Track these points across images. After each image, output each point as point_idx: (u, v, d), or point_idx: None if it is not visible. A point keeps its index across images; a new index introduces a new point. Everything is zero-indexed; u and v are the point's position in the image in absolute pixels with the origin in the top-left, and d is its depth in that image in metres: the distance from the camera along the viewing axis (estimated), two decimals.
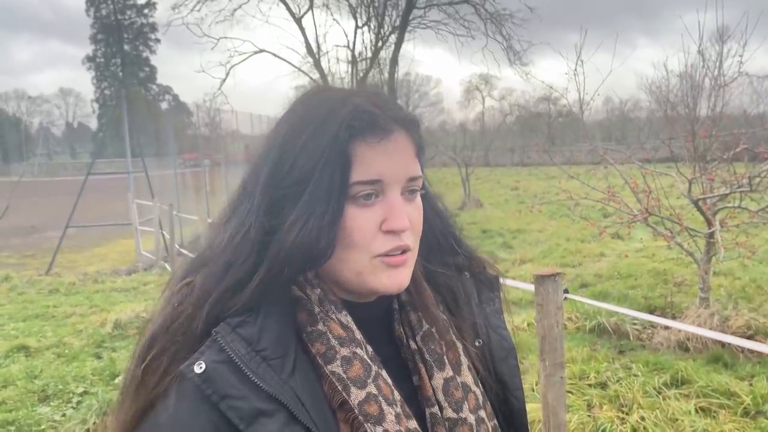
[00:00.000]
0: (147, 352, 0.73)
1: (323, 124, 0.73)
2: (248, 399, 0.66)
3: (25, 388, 4.93)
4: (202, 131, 19.15)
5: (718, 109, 5.91)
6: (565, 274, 8.10)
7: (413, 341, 0.82)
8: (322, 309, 0.76)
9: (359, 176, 0.73)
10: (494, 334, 0.91)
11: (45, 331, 6.68)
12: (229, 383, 0.66)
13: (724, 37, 5.98)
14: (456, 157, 19.25)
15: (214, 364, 0.67)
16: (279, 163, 0.74)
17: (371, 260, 0.75)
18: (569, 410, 3.92)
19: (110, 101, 63.09)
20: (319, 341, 0.74)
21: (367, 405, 0.71)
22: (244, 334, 0.69)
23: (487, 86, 54.64)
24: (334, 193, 0.71)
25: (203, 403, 0.66)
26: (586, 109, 6.52)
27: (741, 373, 4.49)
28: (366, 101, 0.75)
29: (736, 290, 6.60)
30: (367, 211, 0.74)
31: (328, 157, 0.71)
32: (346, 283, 0.77)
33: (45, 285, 9.61)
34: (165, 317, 0.74)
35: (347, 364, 0.73)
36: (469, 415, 0.80)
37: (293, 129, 0.75)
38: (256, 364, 0.68)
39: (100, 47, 68.45)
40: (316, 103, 0.77)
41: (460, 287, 0.91)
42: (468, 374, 0.83)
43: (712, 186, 5.63)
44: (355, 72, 16.23)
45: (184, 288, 0.75)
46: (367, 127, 0.73)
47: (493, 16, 16.00)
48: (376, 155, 0.74)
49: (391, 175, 0.74)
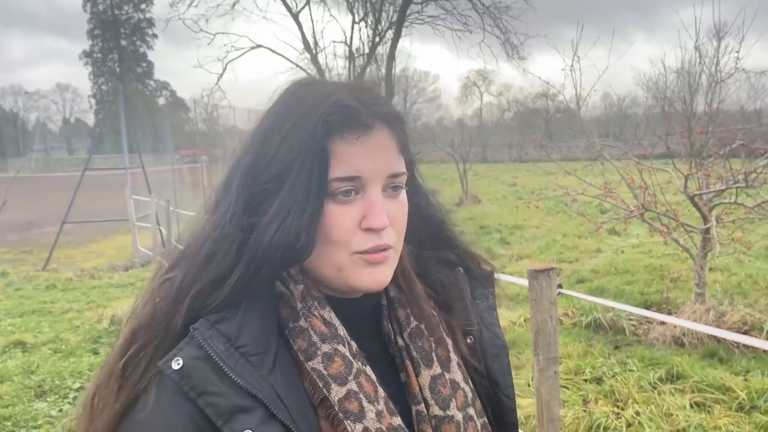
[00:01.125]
0: (128, 348, 0.72)
1: (302, 119, 0.72)
2: (226, 395, 0.66)
3: (21, 384, 4.93)
4: (200, 127, 19.13)
5: (714, 105, 5.92)
6: (562, 270, 8.15)
7: (401, 338, 0.82)
8: (305, 305, 0.75)
9: (337, 173, 0.72)
10: (487, 331, 0.90)
11: (42, 327, 6.68)
12: (207, 380, 0.66)
13: (721, 33, 5.99)
14: (454, 153, 19.27)
15: (192, 361, 0.67)
16: (258, 157, 0.73)
17: (350, 257, 0.74)
18: (565, 405, 3.94)
19: (107, 97, 62.92)
20: (300, 337, 0.73)
21: (347, 402, 0.71)
22: (224, 330, 0.69)
23: (485, 82, 54.60)
24: (313, 189, 0.70)
25: (182, 399, 0.66)
26: (583, 105, 6.53)
27: (736, 368, 4.51)
28: (348, 96, 0.73)
29: (732, 286, 6.62)
30: (346, 207, 0.73)
31: (305, 153, 0.70)
32: (328, 280, 0.76)
33: (42, 281, 9.59)
34: (146, 313, 0.73)
35: (328, 361, 0.72)
36: (457, 412, 0.79)
37: (274, 123, 0.75)
38: (234, 361, 0.67)
39: (97, 43, 68.13)
40: (298, 97, 0.76)
41: (453, 283, 0.90)
42: (457, 371, 0.83)
43: (708, 182, 5.64)
44: (352, 68, 16.21)
45: (166, 283, 0.74)
46: (345, 123, 0.72)
47: (489, 9, 15.97)
48: (355, 151, 0.73)
49: (370, 171, 0.73)
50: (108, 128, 29.15)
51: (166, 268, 0.78)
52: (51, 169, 53.53)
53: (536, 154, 16.39)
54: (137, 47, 68.92)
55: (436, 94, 63.12)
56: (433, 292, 0.88)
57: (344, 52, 16.42)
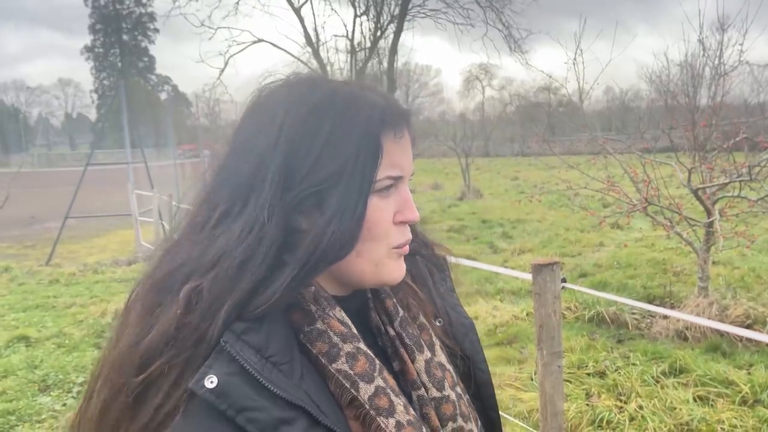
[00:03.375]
0: (148, 362, 0.66)
1: (349, 117, 0.72)
2: (266, 409, 0.64)
3: (25, 378, 4.95)
4: (202, 122, 19.13)
5: (718, 98, 5.90)
6: (565, 264, 8.14)
7: (391, 328, 0.82)
8: (319, 307, 0.74)
9: (387, 171, 0.74)
10: (452, 312, 0.93)
11: (45, 322, 6.70)
12: (245, 395, 0.63)
13: (725, 25, 5.96)
14: (456, 147, 19.26)
15: (226, 377, 0.63)
16: (295, 158, 0.71)
17: (389, 252, 0.77)
18: (568, 399, 3.93)
19: (109, 92, 62.95)
20: (319, 340, 0.72)
21: (377, 399, 0.71)
22: (252, 341, 0.66)
23: (487, 76, 54.49)
24: (365, 186, 0.72)
25: (217, 420, 0.63)
26: (586, 98, 6.51)
27: (739, 362, 4.51)
28: (381, 96, 0.77)
29: (735, 279, 6.61)
30: (386, 202, 0.76)
31: (359, 150, 0.71)
32: (358, 276, 0.76)
33: (45, 275, 9.60)
34: (164, 327, 0.67)
35: (352, 360, 0.72)
36: (450, 392, 0.81)
37: (307, 121, 0.72)
38: (269, 372, 0.65)
39: (99, 37, 68.14)
40: (327, 94, 0.74)
41: (417, 269, 0.92)
42: (441, 354, 0.85)
43: (712, 175, 5.62)
44: (354, 62, 16.16)
45: (190, 294, 0.67)
46: (395, 123, 0.75)
47: (492, 3, 15.89)
48: (399, 149, 0.76)
49: (407, 169, 0.78)
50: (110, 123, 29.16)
51: (185, 276, 0.70)
52: (53, 164, 53.61)
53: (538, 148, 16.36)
54: (138, 42, 68.92)
55: (438, 88, 63.12)
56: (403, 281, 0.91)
57: (346, 46, 16.38)
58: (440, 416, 0.79)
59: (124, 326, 0.73)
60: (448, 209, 15.17)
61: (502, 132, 43.65)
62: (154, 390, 0.66)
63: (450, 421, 0.80)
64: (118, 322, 0.75)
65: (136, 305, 0.72)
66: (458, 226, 12.15)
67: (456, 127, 30.58)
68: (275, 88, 0.77)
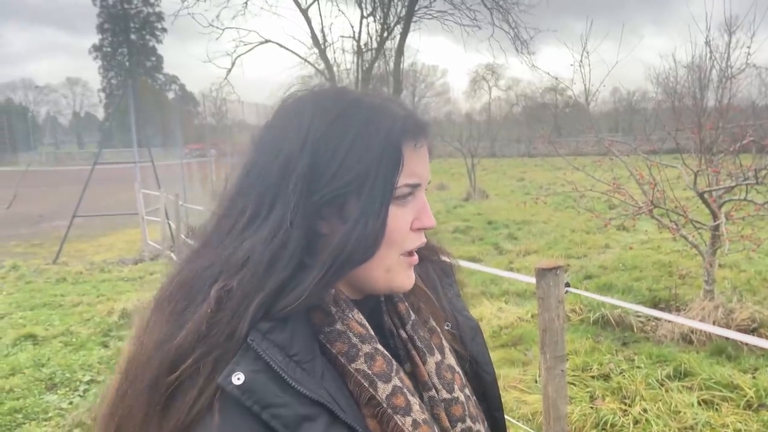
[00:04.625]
0: (180, 360, 0.68)
1: (373, 126, 0.75)
2: (290, 406, 0.66)
3: (32, 376, 4.99)
4: (209, 121, 19.17)
5: (725, 100, 5.87)
6: (570, 266, 8.13)
7: (403, 330, 0.85)
8: (339, 308, 0.77)
9: (407, 179, 0.76)
10: (460, 316, 0.96)
11: (52, 320, 6.74)
12: (271, 391, 0.66)
13: (732, 27, 5.93)
14: (462, 147, 19.21)
15: (252, 374, 0.66)
16: (319, 161, 0.73)
17: (399, 258, 0.79)
18: (572, 402, 3.93)
19: (117, 91, 63.24)
20: (339, 340, 0.75)
21: (394, 398, 0.74)
22: (277, 340, 0.69)
23: (494, 76, 54.45)
24: (387, 193, 0.74)
25: (244, 416, 0.65)
26: (592, 100, 6.49)
27: (744, 366, 4.49)
28: (402, 107, 0.79)
29: (741, 283, 6.59)
30: (405, 209, 0.78)
31: (381, 157, 0.74)
32: (370, 281, 0.79)
33: (52, 274, 9.67)
34: (196, 325, 0.69)
35: (371, 361, 0.75)
36: (460, 393, 0.84)
37: (333, 128, 0.74)
38: (293, 370, 0.68)
39: (107, 37, 68.44)
40: (352, 103, 0.77)
41: (426, 275, 0.95)
42: (450, 356, 0.87)
43: (718, 178, 5.60)
44: (360, 62, 16.17)
45: (221, 294, 0.70)
46: (416, 133, 0.78)
47: (498, 4, 15.85)
48: (418, 158, 0.79)
49: (424, 177, 0.80)
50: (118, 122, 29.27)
51: (214, 276, 0.72)
52: (61, 162, 53.86)
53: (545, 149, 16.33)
54: (146, 41, 69.19)
55: (444, 88, 63.19)
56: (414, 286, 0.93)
57: (352, 47, 16.37)
58: (450, 417, 0.82)
59: (151, 325, 0.74)
60: (453, 210, 15.17)
61: (509, 133, 43.62)
62: (185, 387, 0.68)
63: (459, 422, 0.82)
64: (143, 321, 0.76)
65: (164, 304, 0.74)
66: (464, 227, 12.15)
67: (462, 127, 30.57)
68: (302, 96, 0.80)
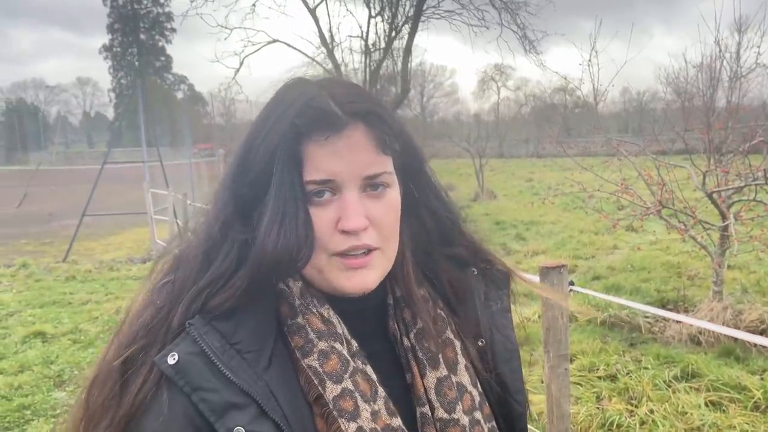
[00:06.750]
0: (128, 348, 0.71)
1: (276, 122, 0.71)
2: (219, 392, 0.66)
3: (41, 373, 5.03)
4: (217, 121, 19.23)
5: (735, 100, 5.84)
6: (578, 267, 8.11)
7: (407, 338, 0.80)
8: (303, 302, 0.75)
9: (310, 176, 0.71)
10: (498, 334, 0.87)
11: (61, 318, 6.79)
12: (202, 375, 0.67)
13: (743, 27, 5.90)
14: (470, 148, 19.18)
15: (187, 356, 0.67)
16: (243, 161, 0.73)
17: (329, 258, 0.73)
18: (578, 402, 3.93)
19: (127, 91, 63.62)
20: (297, 334, 0.73)
21: (342, 400, 0.70)
22: (219, 326, 0.69)
23: (502, 76, 54.28)
24: (297, 193, 0.70)
25: (177, 396, 0.67)
26: (601, 100, 6.47)
27: (753, 367, 4.47)
28: (321, 95, 0.71)
29: (750, 284, 6.53)
30: (321, 210, 0.72)
31: (278, 156, 0.70)
32: (313, 281, 0.76)
33: (62, 272, 9.74)
34: (147, 315, 0.73)
35: (324, 358, 0.72)
36: (463, 416, 0.78)
37: (256, 127, 0.74)
38: (229, 357, 0.68)
39: (117, 37, 68.81)
40: (280, 97, 0.74)
41: (464, 283, 0.87)
42: (465, 374, 0.81)
43: (727, 179, 5.57)
44: (368, 62, 16.17)
45: (166, 285, 0.74)
46: (312, 125, 0.70)
47: (507, 5, 15.81)
48: (325, 153, 0.71)
49: (342, 173, 0.71)
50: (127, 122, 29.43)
51: (164, 270, 0.77)
52: (71, 162, 54.22)
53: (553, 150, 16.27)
54: (156, 41, 69.49)
55: (452, 88, 63.01)
56: (441, 292, 0.86)
57: (360, 46, 16.36)
58: None
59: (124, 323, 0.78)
60: (461, 210, 15.13)
61: (517, 133, 43.50)
62: (133, 377, 0.70)
63: None
64: None
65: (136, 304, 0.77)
66: (471, 228, 12.12)
67: (470, 127, 30.53)
68: None
